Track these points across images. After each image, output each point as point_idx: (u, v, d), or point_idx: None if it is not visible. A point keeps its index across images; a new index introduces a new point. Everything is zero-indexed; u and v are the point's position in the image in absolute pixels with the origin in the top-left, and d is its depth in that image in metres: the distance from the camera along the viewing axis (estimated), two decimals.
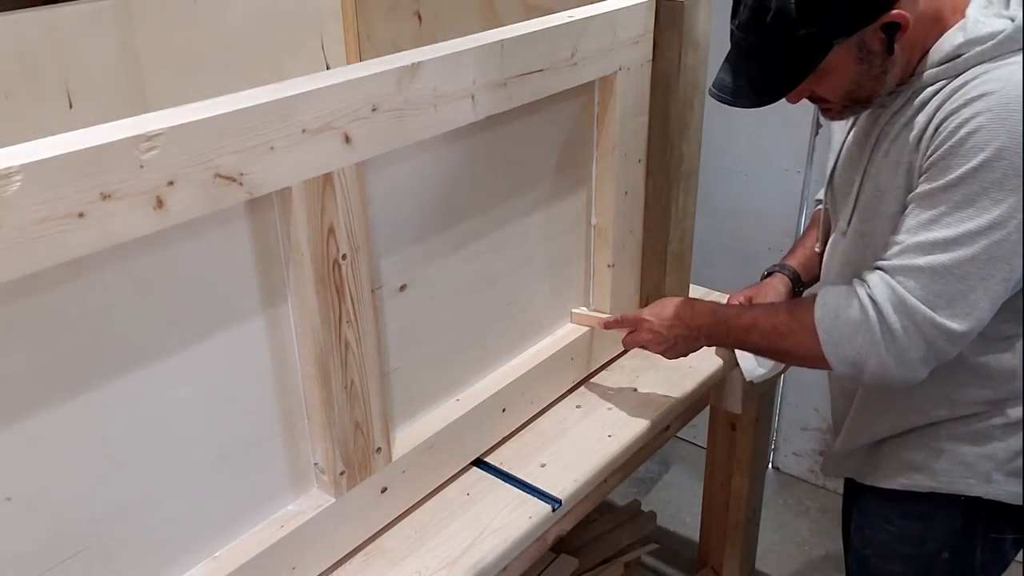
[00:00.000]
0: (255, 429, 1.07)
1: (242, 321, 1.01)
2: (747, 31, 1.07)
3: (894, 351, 1.07)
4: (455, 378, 1.33)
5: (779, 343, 1.20)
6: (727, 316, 1.28)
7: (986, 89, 1.02)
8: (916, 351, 1.07)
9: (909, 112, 1.09)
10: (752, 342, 1.25)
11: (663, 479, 2.72)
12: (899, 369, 1.08)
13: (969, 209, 1.02)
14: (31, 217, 0.76)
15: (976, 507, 1.24)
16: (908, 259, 1.06)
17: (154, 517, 0.99)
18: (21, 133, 0.88)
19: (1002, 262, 1.03)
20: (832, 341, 1.11)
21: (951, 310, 1.04)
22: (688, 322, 1.31)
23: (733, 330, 1.26)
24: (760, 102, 1.11)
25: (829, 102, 1.15)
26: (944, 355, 1.08)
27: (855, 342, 1.09)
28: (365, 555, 1.21)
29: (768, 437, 2.07)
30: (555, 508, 1.28)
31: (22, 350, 0.83)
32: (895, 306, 1.06)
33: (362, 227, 1.06)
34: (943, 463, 1.23)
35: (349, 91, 0.99)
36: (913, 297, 1.05)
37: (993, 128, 1.00)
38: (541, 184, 1.36)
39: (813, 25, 1.02)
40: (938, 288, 1.04)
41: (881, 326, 1.07)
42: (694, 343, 1.34)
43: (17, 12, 1.47)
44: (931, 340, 1.06)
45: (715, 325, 1.29)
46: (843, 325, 1.10)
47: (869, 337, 1.08)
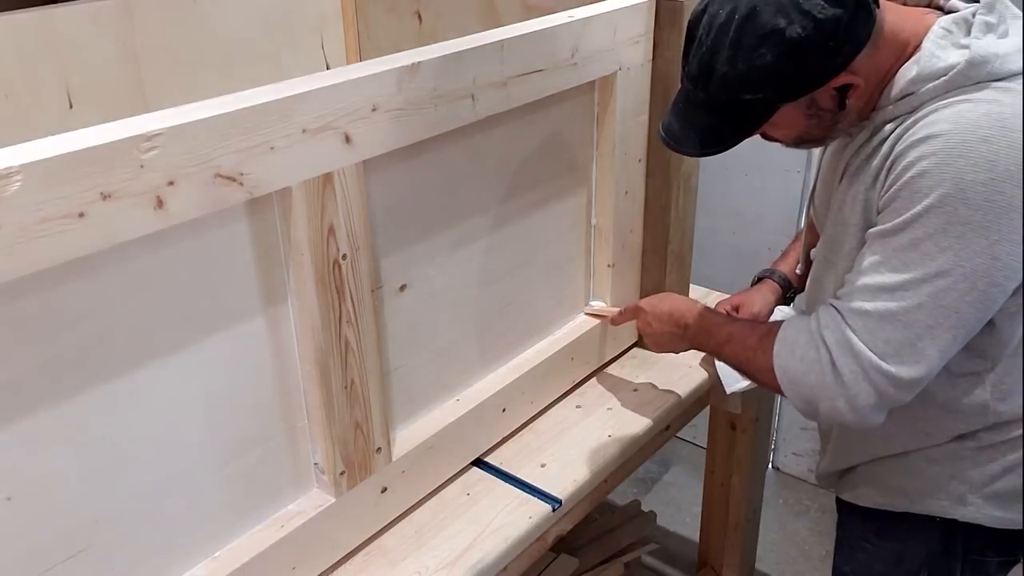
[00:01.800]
0: (255, 429, 1.07)
1: (242, 321, 1.01)
2: (696, 86, 1.04)
3: (843, 396, 1.05)
4: (455, 378, 1.33)
5: (747, 365, 1.20)
6: (711, 324, 1.28)
7: (933, 131, 0.98)
8: (865, 398, 1.05)
9: (869, 148, 1.07)
10: (727, 355, 1.25)
11: (663, 479, 2.72)
12: (851, 414, 1.06)
13: (913, 254, 0.99)
14: (31, 217, 0.76)
15: (953, 529, 1.22)
16: (858, 302, 1.04)
17: (154, 517, 0.99)
18: (21, 133, 0.88)
19: (949, 311, 0.99)
20: (787, 378, 1.11)
21: (899, 357, 1.02)
22: (677, 321, 1.32)
23: (713, 338, 1.26)
24: (705, 153, 1.10)
25: (779, 140, 1.13)
26: (896, 401, 1.06)
27: (807, 382, 1.08)
28: (365, 555, 1.21)
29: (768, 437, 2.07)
30: (555, 508, 1.28)
31: (22, 350, 0.83)
32: (844, 350, 1.04)
33: (362, 227, 1.06)
34: (918, 484, 1.22)
35: (349, 91, 0.99)
36: (861, 342, 1.03)
37: (937, 174, 0.96)
38: (541, 184, 1.36)
39: (757, 92, 1.00)
40: (885, 335, 1.02)
41: (831, 369, 1.05)
42: (680, 342, 1.34)
43: (17, 12, 1.47)
44: (880, 387, 1.04)
45: (699, 330, 1.29)
46: (797, 362, 1.09)
47: (820, 379, 1.07)
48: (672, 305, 1.35)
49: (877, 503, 1.27)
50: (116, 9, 1.57)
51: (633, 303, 1.43)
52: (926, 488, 1.21)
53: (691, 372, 1.58)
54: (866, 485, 1.28)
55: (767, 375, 1.14)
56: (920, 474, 1.21)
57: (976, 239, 0.96)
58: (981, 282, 0.98)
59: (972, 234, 0.96)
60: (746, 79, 0.99)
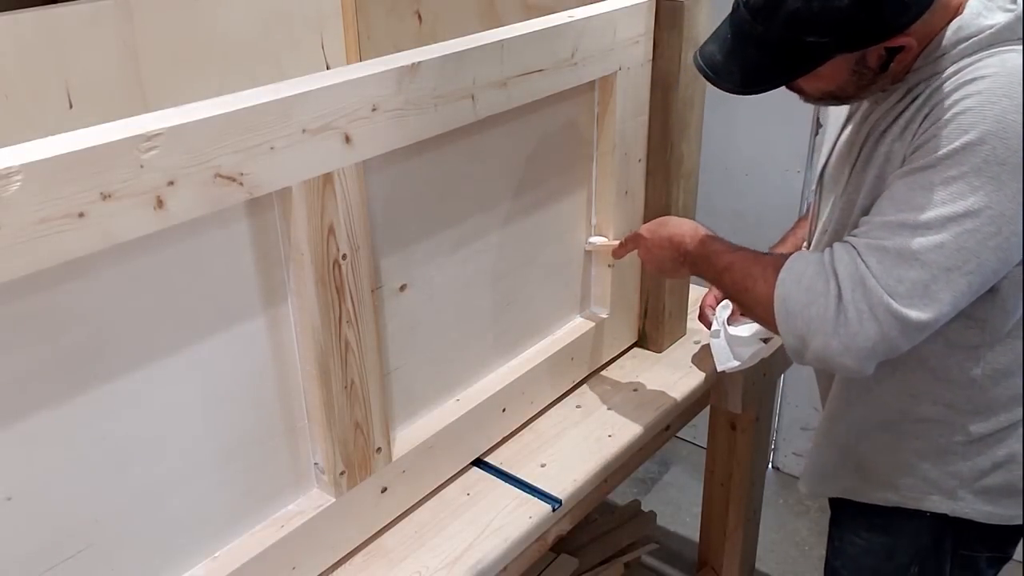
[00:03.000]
0: (255, 429, 1.07)
1: (242, 321, 1.01)
2: (755, 18, 1.01)
3: (843, 333, 1.02)
4: (455, 378, 1.33)
5: (744, 295, 1.16)
6: (713, 251, 1.23)
7: (979, 74, 0.99)
8: (865, 339, 1.01)
9: (901, 107, 1.07)
10: (724, 284, 1.21)
11: (663, 479, 2.72)
12: (843, 355, 1.03)
13: (943, 192, 0.97)
14: (31, 217, 0.76)
15: (943, 523, 1.23)
16: (875, 238, 1.02)
17: (154, 517, 0.99)
18: (21, 133, 0.88)
19: (970, 254, 0.98)
20: (786, 308, 1.07)
21: (910, 298, 0.99)
22: (677, 247, 1.28)
23: (713, 266, 1.22)
24: (744, 92, 1.07)
25: (806, 93, 1.12)
26: (894, 346, 1.02)
27: (807, 313, 1.05)
28: (365, 555, 1.21)
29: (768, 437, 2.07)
30: (555, 508, 1.28)
31: (22, 350, 0.83)
32: (855, 284, 1.01)
33: (362, 227, 1.06)
34: (907, 479, 1.22)
35: (349, 91, 0.99)
36: (873, 278, 1.00)
37: (981, 111, 0.96)
38: (541, 184, 1.36)
39: (823, 35, 0.99)
40: (900, 273, 0.99)
41: (836, 302, 1.02)
42: (679, 268, 1.30)
43: (17, 12, 1.47)
44: (884, 328, 1.00)
45: (700, 256, 1.25)
46: (802, 292, 1.05)
47: (822, 312, 1.03)
48: (672, 230, 1.30)
49: (869, 497, 1.27)
50: (116, 9, 1.57)
51: (633, 231, 1.39)
52: (916, 483, 1.21)
53: (691, 372, 1.58)
54: (856, 479, 1.28)
55: (764, 305, 1.10)
56: (911, 469, 1.21)
57: (1010, 181, 0.96)
58: (1007, 228, 0.97)
59: (1007, 176, 0.95)
60: (817, 20, 0.97)
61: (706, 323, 1.54)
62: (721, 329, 1.48)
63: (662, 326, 1.62)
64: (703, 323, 1.56)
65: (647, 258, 1.35)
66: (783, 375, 1.87)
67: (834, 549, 1.39)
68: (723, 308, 1.50)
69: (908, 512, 1.24)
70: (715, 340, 1.49)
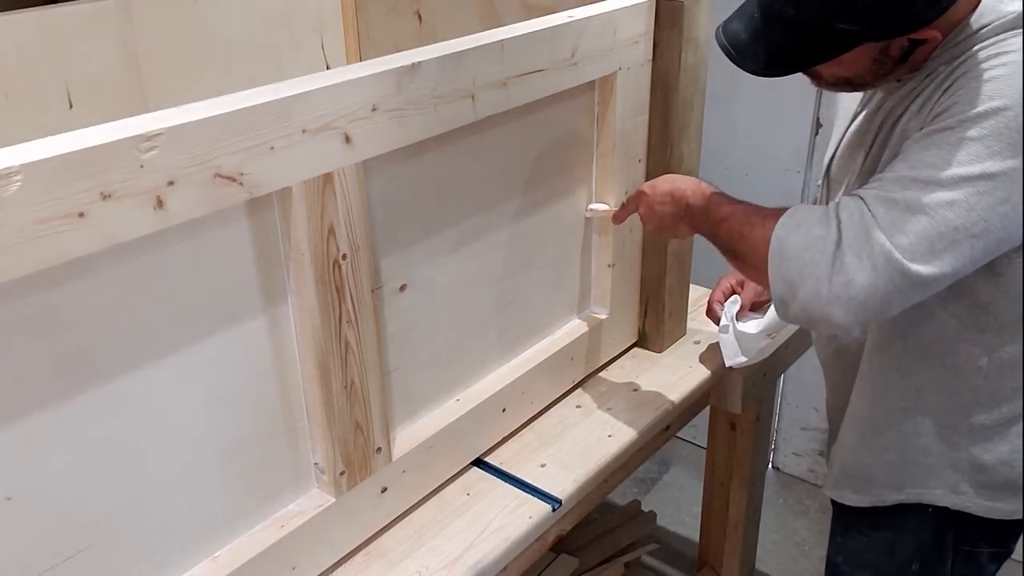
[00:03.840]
0: (255, 429, 1.07)
1: (242, 321, 1.01)
2: (787, 0, 1.00)
3: (837, 281, 1.00)
4: (455, 378, 1.33)
5: (739, 241, 1.13)
6: (712, 202, 1.19)
7: (1005, 49, 0.99)
8: (858, 288, 0.99)
9: (917, 91, 1.08)
10: (720, 234, 1.17)
11: (663, 479, 2.72)
12: (831, 305, 1.00)
13: (959, 153, 0.96)
14: (31, 217, 0.76)
15: (945, 519, 1.23)
16: (885, 190, 1.00)
17: (154, 517, 0.99)
18: (21, 133, 0.88)
19: (978, 217, 0.97)
20: (781, 251, 1.04)
21: (913, 251, 0.97)
22: (678, 200, 1.24)
23: (711, 218, 1.18)
24: (765, 74, 1.07)
25: (823, 79, 1.12)
26: (887, 301, 1.00)
27: (802, 259, 1.02)
28: (365, 555, 1.21)
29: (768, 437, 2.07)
30: (555, 508, 1.28)
31: (22, 350, 0.83)
32: (857, 232, 0.99)
33: (362, 227, 1.06)
34: (911, 476, 1.22)
35: (349, 91, 0.99)
36: (878, 227, 0.99)
37: (1006, 80, 0.96)
38: (541, 184, 1.36)
39: (854, 23, 0.98)
40: (908, 225, 0.98)
41: (835, 248, 1.00)
42: (679, 224, 1.26)
43: (17, 12, 1.47)
44: (882, 279, 0.98)
45: (700, 209, 1.21)
46: (800, 236, 1.03)
47: (818, 256, 1.01)
48: (674, 184, 1.27)
49: (871, 501, 1.28)
50: (116, 9, 1.57)
51: (636, 190, 1.34)
52: (920, 476, 1.22)
53: (691, 372, 1.58)
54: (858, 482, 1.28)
55: (758, 250, 1.07)
56: (916, 464, 1.22)
57: None
58: (1016, 196, 0.97)
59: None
60: (850, 8, 0.97)
61: (714, 318, 1.54)
62: (730, 324, 1.48)
63: (662, 326, 1.62)
64: (711, 318, 1.55)
65: (648, 215, 1.30)
66: (783, 375, 1.87)
67: (836, 545, 1.39)
68: (732, 303, 1.50)
69: (910, 508, 1.25)
70: (724, 336, 1.50)
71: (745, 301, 1.50)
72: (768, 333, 1.50)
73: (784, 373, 1.82)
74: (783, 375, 1.86)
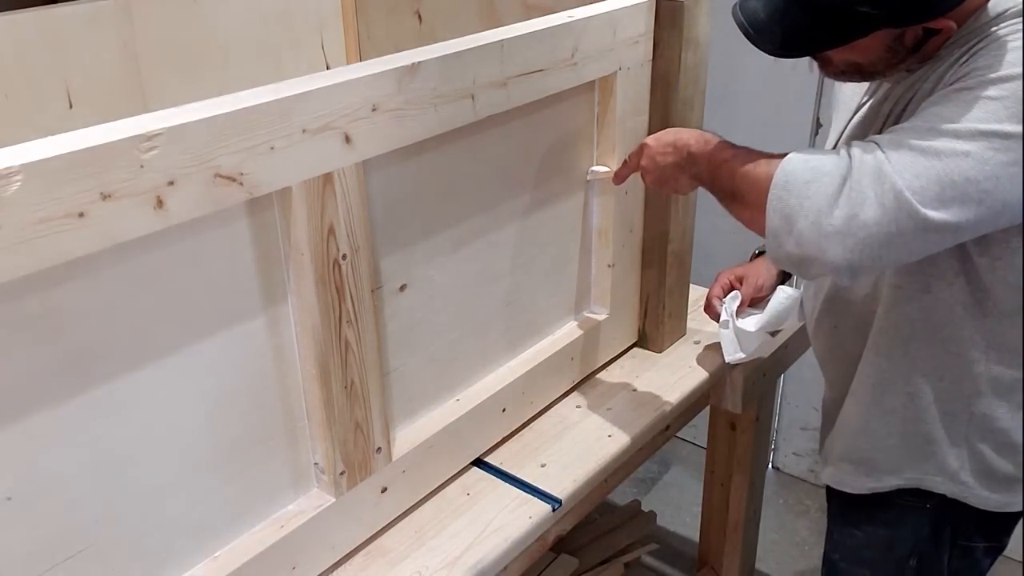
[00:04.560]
0: (255, 429, 1.07)
1: (242, 321, 1.01)
2: None
3: (839, 215, 0.98)
4: (455, 378, 1.33)
5: (740, 181, 1.10)
6: (715, 147, 1.17)
7: None
8: (861, 225, 0.97)
9: (928, 75, 1.08)
10: (721, 176, 1.14)
11: (663, 479, 2.72)
12: (829, 240, 0.98)
13: (977, 110, 0.96)
14: (31, 217, 0.76)
15: (943, 514, 1.24)
16: (901, 136, 0.99)
17: (154, 517, 0.99)
18: (21, 133, 0.88)
19: (990, 172, 0.95)
20: (784, 183, 1.02)
21: (923, 194, 0.96)
22: (680, 149, 1.21)
23: (713, 160, 1.16)
24: (780, 54, 1.06)
25: (833, 65, 1.12)
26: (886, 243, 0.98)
27: (806, 190, 1.00)
28: (365, 555, 1.21)
29: (768, 437, 2.07)
30: (555, 508, 1.28)
31: (22, 350, 0.83)
32: (868, 168, 0.98)
33: (362, 227, 1.06)
34: (911, 461, 1.23)
35: (349, 91, 0.99)
36: (890, 166, 0.97)
37: None
38: (541, 184, 1.36)
39: (875, 7, 0.98)
40: (920, 169, 0.96)
41: (841, 181, 0.99)
42: (680, 175, 1.23)
43: (17, 12, 1.47)
44: (886, 216, 0.97)
45: (702, 155, 1.18)
46: (806, 170, 1.01)
47: (823, 188, 0.99)
48: (677, 135, 1.24)
49: (871, 488, 1.28)
50: (116, 9, 1.57)
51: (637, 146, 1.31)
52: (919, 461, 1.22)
53: (691, 372, 1.58)
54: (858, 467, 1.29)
55: (760, 184, 1.05)
56: (917, 449, 1.22)
57: None
58: None
59: None
60: None
61: (713, 314, 1.53)
62: (730, 320, 1.48)
63: (662, 326, 1.62)
64: (709, 314, 1.55)
65: (649, 167, 1.26)
66: (783, 375, 1.87)
67: (833, 542, 1.39)
68: (732, 299, 1.50)
69: (909, 503, 1.25)
70: (724, 331, 1.50)
71: (744, 297, 1.50)
72: (767, 331, 1.51)
73: (784, 373, 1.82)
74: (783, 375, 1.86)
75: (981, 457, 1.20)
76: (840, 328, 1.28)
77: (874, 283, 1.20)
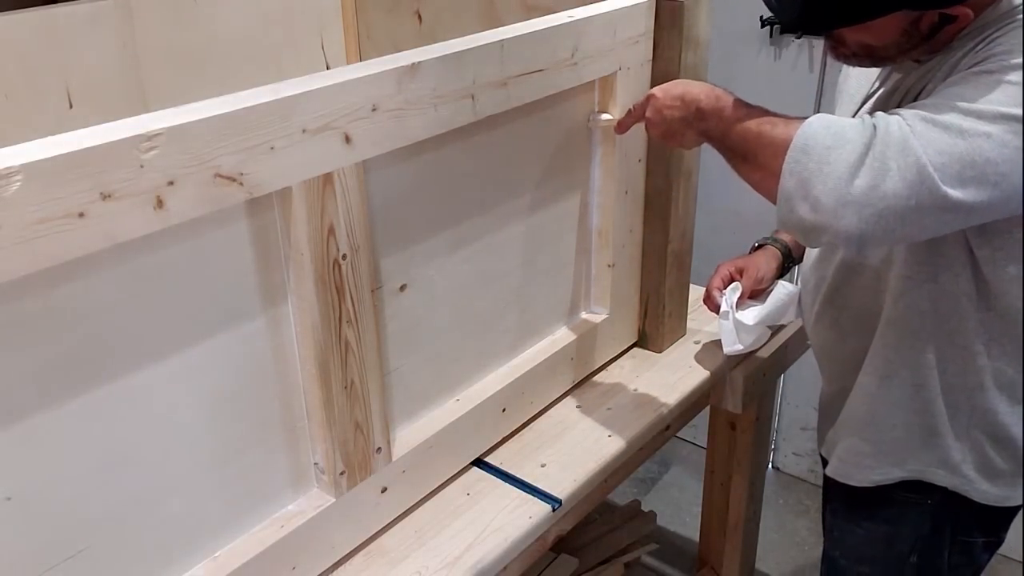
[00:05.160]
0: (255, 429, 1.07)
1: (242, 321, 1.01)
2: None
3: (858, 185, 0.96)
4: (455, 378, 1.33)
5: (754, 142, 1.07)
6: (727, 104, 1.13)
7: None
8: (879, 196, 0.95)
9: (941, 64, 1.07)
10: (731, 136, 1.11)
11: (663, 479, 2.72)
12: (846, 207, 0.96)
13: (999, 93, 0.95)
14: (31, 217, 0.76)
15: (943, 510, 1.24)
16: (926, 111, 0.98)
17: (154, 517, 0.99)
18: (21, 133, 0.88)
19: (1009, 156, 0.94)
20: (803, 146, 0.99)
21: (944, 171, 0.94)
22: (689, 103, 1.17)
23: (725, 118, 1.12)
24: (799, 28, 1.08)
25: (846, 47, 1.12)
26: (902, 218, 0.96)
27: (827, 155, 0.97)
28: (365, 555, 1.21)
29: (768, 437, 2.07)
30: (555, 508, 1.28)
31: (22, 350, 0.83)
32: (892, 140, 0.96)
33: (362, 227, 1.06)
34: (914, 453, 1.23)
35: (349, 91, 0.99)
36: (916, 139, 0.95)
37: None
38: (541, 184, 1.36)
39: None
40: (943, 144, 0.95)
41: (863, 150, 0.96)
42: (686, 129, 1.20)
43: (17, 12, 1.47)
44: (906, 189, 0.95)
45: (712, 111, 1.14)
46: (828, 136, 0.99)
47: (845, 155, 0.97)
48: (686, 88, 1.20)
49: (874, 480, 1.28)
50: (116, 9, 1.57)
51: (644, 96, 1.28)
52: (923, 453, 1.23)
53: (691, 372, 1.58)
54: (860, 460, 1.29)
55: (776, 146, 1.02)
56: (921, 442, 1.23)
57: None
58: None
59: None
60: None
61: (712, 306, 1.53)
62: (730, 311, 1.49)
63: (662, 326, 1.62)
64: (709, 306, 1.54)
65: (655, 119, 1.23)
66: (783, 375, 1.87)
67: (833, 539, 1.39)
68: (732, 291, 1.50)
69: (909, 501, 1.26)
70: (723, 323, 1.50)
71: (744, 289, 1.50)
72: (766, 324, 1.51)
73: (784, 373, 1.82)
74: (783, 375, 1.86)
75: (982, 451, 1.20)
76: (841, 321, 1.29)
77: (877, 276, 1.20)
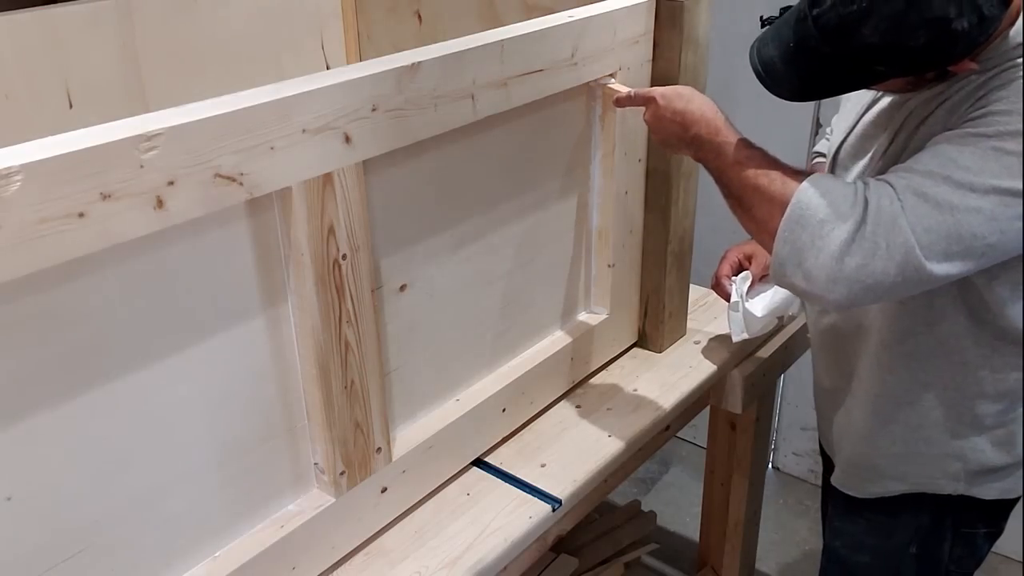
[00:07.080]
0: (255, 429, 1.07)
1: (242, 321, 1.01)
2: (824, 39, 0.98)
3: (849, 262, 0.98)
4: (455, 378, 1.33)
5: (751, 194, 1.09)
6: (726, 140, 1.14)
7: None
8: (869, 273, 0.98)
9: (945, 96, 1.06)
10: (729, 179, 1.12)
11: (663, 479, 2.72)
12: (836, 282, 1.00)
13: (994, 163, 0.96)
14: (31, 217, 0.76)
15: (944, 504, 1.25)
16: (916, 183, 0.98)
17: (154, 517, 0.99)
18: (21, 133, 0.88)
19: (996, 227, 0.96)
20: (800, 215, 1.01)
21: (931, 249, 0.97)
22: (688, 127, 1.17)
23: (723, 157, 1.13)
24: (797, 100, 1.08)
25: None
26: (891, 291, 1.00)
27: (820, 230, 1.00)
28: (365, 555, 1.21)
29: (768, 437, 2.07)
30: (555, 508, 1.28)
31: (22, 350, 0.83)
32: (882, 219, 0.98)
33: (362, 227, 1.06)
34: (915, 467, 1.24)
35: (349, 91, 0.99)
36: (905, 219, 0.97)
37: None
38: (541, 184, 1.36)
39: (891, 66, 0.99)
40: (931, 221, 0.97)
41: (856, 228, 0.99)
42: (682, 147, 1.20)
43: (17, 12, 1.47)
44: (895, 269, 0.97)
45: (710, 144, 1.15)
46: (823, 208, 1.00)
47: (838, 232, 0.99)
48: (687, 106, 1.18)
49: (875, 493, 1.30)
50: (116, 9, 1.57)
51: (648, 90, 1.26)
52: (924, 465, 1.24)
53: (691, 372, 1.57)
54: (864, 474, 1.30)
55: (772, 206, 1.05)
56: (920, 454, 1.23)
57: None
58: None
59: None
60: (890, 53, 0.96)
61: (723, 293, 1.53)
62: (740, 301, 1.49)
63: (662, 326, 1.62)
64: (719, 293, 1.54)
65: (654, 125, 1.23)
66: (783, 375, 1.87)
67: (833, 530, 1.40)
68: (743, 280, 1.50)
69: (910, 495, 1.26)
70: (734, 313, 1.50)
71: (754, 276, 1.51)
72: (776, 315, 1.52)
73: (784, 373, 1.82)
74: (783, 375, 1.86)
75: (984, 456, 1.21)
76: (839, 325, 1.29)
77: None
